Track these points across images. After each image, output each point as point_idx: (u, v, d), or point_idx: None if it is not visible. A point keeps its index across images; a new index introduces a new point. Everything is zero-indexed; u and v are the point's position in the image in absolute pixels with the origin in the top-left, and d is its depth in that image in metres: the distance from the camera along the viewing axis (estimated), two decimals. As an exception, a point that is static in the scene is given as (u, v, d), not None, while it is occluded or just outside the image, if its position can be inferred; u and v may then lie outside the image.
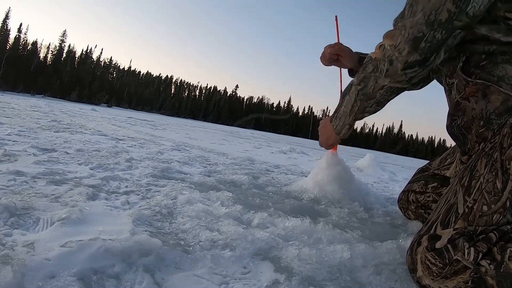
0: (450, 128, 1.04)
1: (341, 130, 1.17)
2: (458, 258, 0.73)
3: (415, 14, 0.85)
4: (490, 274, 0.70)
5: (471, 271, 0.71)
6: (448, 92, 1.01)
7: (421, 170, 1.42)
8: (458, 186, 0.83)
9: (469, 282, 0.71)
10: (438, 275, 0.74)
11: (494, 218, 0.75)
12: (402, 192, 1.46)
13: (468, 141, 0.96)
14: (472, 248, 0.72)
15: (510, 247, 0.71)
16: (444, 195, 0.88)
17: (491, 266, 0.70)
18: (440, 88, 1.35)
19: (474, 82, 0.88)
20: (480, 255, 0.71)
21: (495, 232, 0.74)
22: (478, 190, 0.79)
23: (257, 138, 11.03)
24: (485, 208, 0.76)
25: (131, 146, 2.80)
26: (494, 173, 0.78)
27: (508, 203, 0.75)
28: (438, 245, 0.76)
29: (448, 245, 0.75)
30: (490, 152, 0.82)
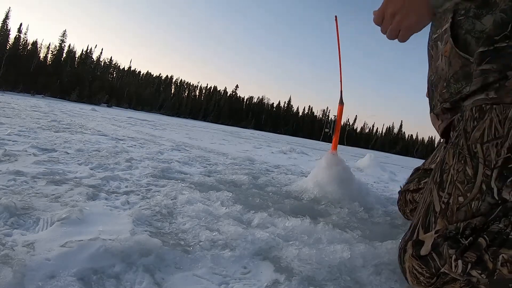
0: (428, 82, 1.05)
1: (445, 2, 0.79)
2: (446, 271, 0.69)
3: None
4: (483, 282, 0.67)
5: (461, 282, 0.69)
6: (436, 47, 0.99)
7: (416, 169, 1.43)
8: (432, 183, 0.81)
9: None
10: (427, 285, 0.72)
11: (473, 206, 0.71)
12: (399, 192, 1.47)
13: (434, 98, 0.97)
14: (459, 261, 0.68)
15: (503, 253, 0.66)
16: (422, 196, 0.86)
17: (482, 275, 0.67)
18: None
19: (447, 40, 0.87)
20: (469, 266, 0.68)
21: (485, 236, 0.68)
22: (450, 183, 0.76)
23: (257, 138, 11.03)
24: (461, 199, 0.73)
25: (131, 146, 2.80)
26: (462, 161, 0.75)
27: (484, 186, 0.71)
28: (422, 252, 0.73)
29: (433, 253, 0.71)
30: (456, 141, 0.80)
